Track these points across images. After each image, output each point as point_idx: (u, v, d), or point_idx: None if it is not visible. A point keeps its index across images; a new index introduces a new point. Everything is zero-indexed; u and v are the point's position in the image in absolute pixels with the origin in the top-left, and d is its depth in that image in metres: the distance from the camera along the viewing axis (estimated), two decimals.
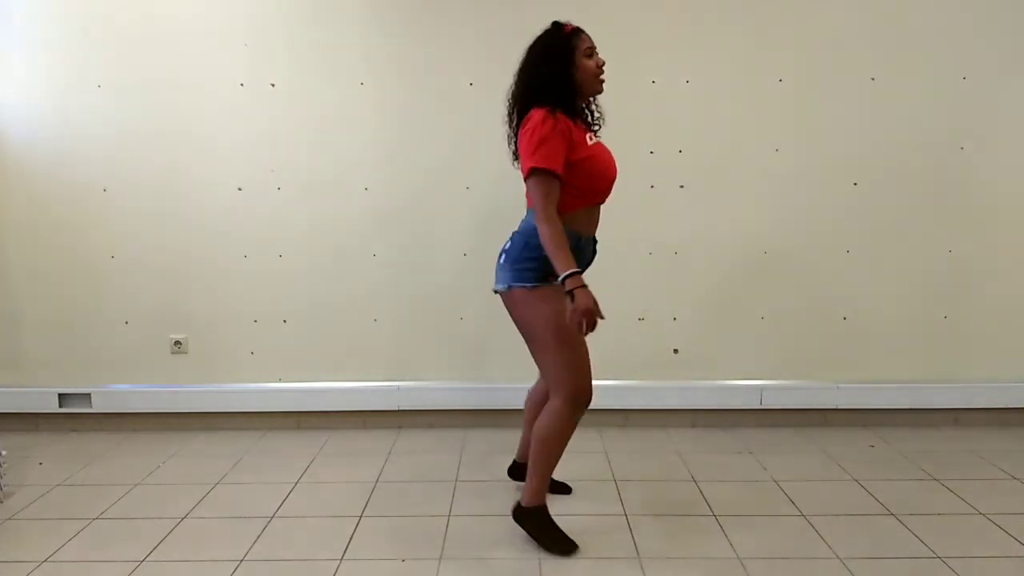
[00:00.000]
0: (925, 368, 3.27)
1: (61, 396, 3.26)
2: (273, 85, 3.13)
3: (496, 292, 2.18)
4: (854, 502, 2.49)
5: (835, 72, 3.11)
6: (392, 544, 2.22)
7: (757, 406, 3.25)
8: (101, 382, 3.28)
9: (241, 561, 2.13)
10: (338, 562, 2.12)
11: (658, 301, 3.25)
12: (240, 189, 3.19)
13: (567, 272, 1.89)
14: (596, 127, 2.20)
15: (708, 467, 2.80)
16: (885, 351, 3.26)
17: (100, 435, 3.25)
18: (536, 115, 1.99)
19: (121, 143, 3.15)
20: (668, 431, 3.23)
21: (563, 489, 2.58)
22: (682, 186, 3.18)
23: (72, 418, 3.32)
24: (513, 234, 2.16)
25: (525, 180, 2.00)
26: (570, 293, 1.88)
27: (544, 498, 2.21)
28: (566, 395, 2.07)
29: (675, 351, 3.28)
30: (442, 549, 2.19)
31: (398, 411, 3.29)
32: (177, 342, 3.27)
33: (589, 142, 2.06)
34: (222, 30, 3.10)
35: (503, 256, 2.14)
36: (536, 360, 2.16)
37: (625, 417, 3.26)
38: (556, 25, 2.12)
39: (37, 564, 2.12)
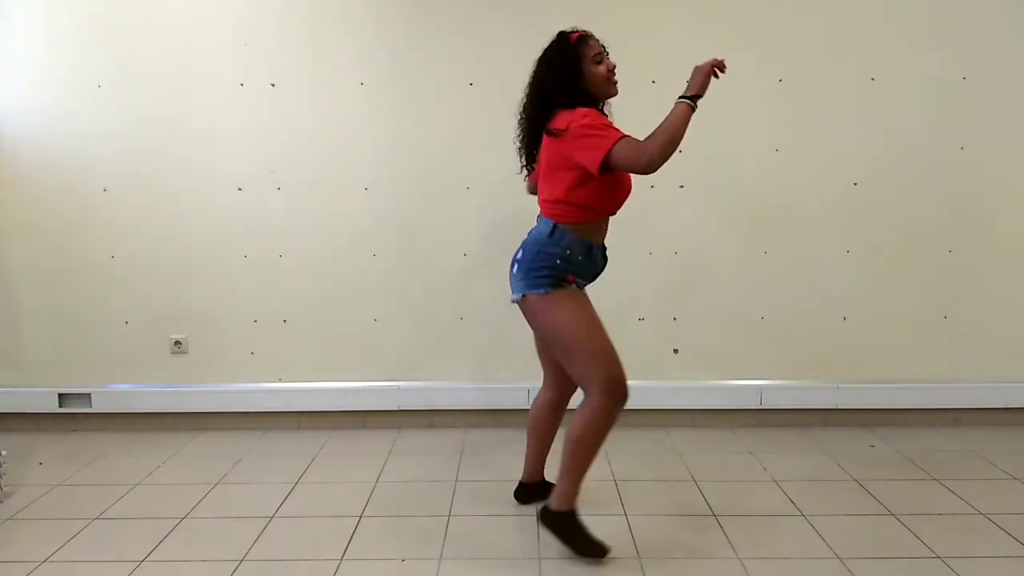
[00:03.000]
0: (925, 368, 3.26)
1: (61, 396, 3.26)
2: (273, 85, 3.13)
3: (514, 302, 2.17)
4: (854, 502, 2.49)
5: (835, 72, 3.11)
6: (392, 544, 2.22)
7: (757, 406, 3.25)
8: (101, 382, 3.28)
9: (241, 561, 2.13)
10: (338, 562, 2.12)
11: (658, 301, 3.25)
12: (240, 189, 3.19)
13: (686, 99, 2.00)
14: None
15: (708, 467, 2.80)
16: (885, 351, 3.26)
17: (100, 435, 3.25)
18: (582, 110, 2.01)
19: (121, 143, 3.15)
20: (668, 431, 3.23)
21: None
22: (682, 186, 3.18)
23: (72, 418, 3.32)
24: (523, 243, 2.16)
25: (602, 164, 1.95)
26: (694, 97, 2.01)
27: (576, 502, 2.13)
28: (603, 388, 2.04)
29: (675, 351, 3.28)
30: (442, 549, 2.19)
31: (398, 411, 3.29)
32: (177, 342, 3.27)
33: None
34: (222, 30, 3.10)
35: (515, 266, 2.14)
36: (565, 366, 2.16)
37: (625, 417, 3.24)
38: (562, 35, 2.14)
39: (37, 564, 2.12)
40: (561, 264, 2.07)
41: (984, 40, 3.09)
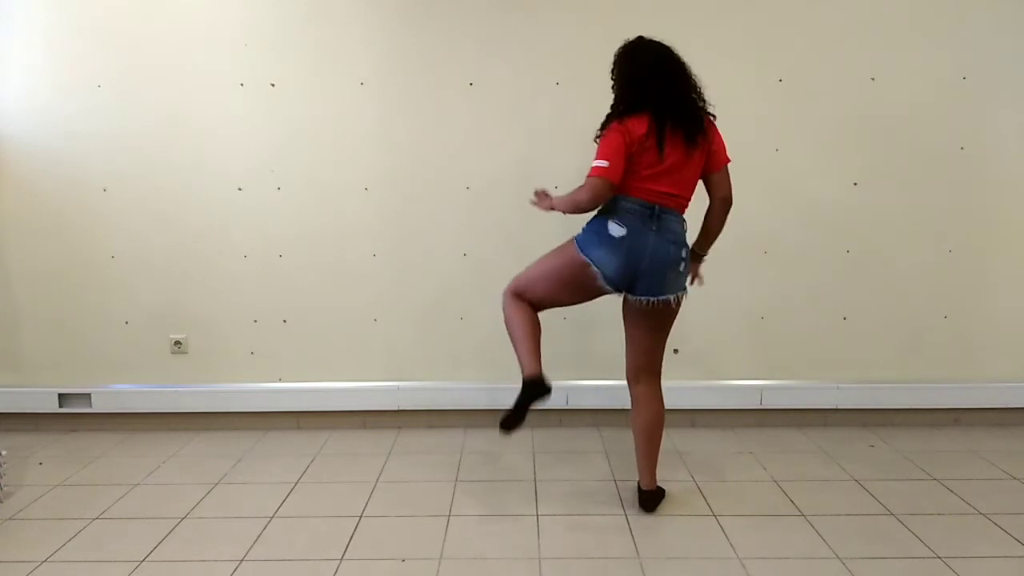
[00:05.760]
0: (925, 368, 3.27)
1: (61, 396, 3.26)
2: (273, 85, 3.13)
3: (669, 298, 2.31)
4: (854, 502, 2.49)
5: (835, 72, 3.11)
6: (392, 544, 2.22)
7: (757, 406, 3.25)
8: (101, 382, 3.28)
9: (241, 561, 2.13)
10: (338, 562, 2.12)
11: None
12: (240, 189, 3.19)
13: None
14: None
15: (708, 467, 2.80)
16: (885, 351, 3.26)
17: (100, 435, 3.25)
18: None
19: (121, 143, 3.15)
20: (668, 431, 3.20)
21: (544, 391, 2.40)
22: None
23: (72, 418, 3.32)
24: (676, 242, 2.32)
25: (722, 171, 2.37)
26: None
27: None
28: None
29: (675, 351, 3.28)
30: (442, 549, 2.19)
31: (398, 411, 3.29)
32: (177, 342, 3.27)
33: None
34: (222, 30, 3.10)
35: (683, 264, 2.32)
36: (652, 353, 2.38)
37: (625, 417, 3.25)
38: None
39: (37, 564, 2.12)
40: None
41: (984, 40, 3.09)
